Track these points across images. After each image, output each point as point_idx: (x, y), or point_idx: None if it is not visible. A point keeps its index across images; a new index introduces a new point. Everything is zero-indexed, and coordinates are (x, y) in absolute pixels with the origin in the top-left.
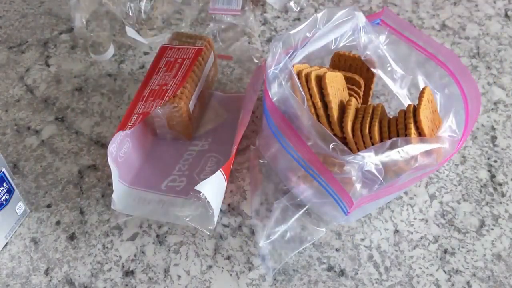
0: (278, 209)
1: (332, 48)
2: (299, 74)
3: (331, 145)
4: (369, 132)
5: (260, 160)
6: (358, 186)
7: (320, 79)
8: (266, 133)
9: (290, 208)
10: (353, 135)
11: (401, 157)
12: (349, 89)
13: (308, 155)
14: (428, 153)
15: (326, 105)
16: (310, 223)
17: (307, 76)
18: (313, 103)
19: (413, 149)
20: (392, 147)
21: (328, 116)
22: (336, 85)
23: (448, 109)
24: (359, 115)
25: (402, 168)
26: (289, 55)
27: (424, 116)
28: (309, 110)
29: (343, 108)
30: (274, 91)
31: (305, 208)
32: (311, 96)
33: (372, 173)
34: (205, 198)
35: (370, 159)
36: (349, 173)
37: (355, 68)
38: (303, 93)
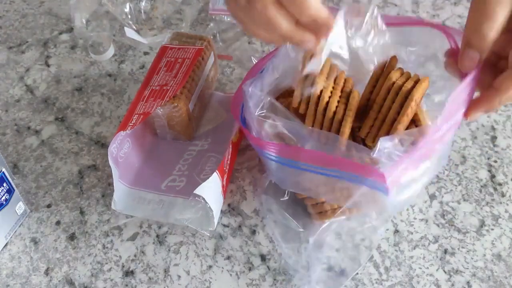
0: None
1: None
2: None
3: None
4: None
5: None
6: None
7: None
8: (276, 175)
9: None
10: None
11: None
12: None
13: (323, 160)
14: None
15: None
16: (350, 250)
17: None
18: (313, 123)
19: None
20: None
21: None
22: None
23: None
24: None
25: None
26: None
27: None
28: (312, 129)
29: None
30: (266, 134)
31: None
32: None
33: (394, 153)
34: (205, 200)
35: (392, 145)
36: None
37: None
38: (297, 119)
